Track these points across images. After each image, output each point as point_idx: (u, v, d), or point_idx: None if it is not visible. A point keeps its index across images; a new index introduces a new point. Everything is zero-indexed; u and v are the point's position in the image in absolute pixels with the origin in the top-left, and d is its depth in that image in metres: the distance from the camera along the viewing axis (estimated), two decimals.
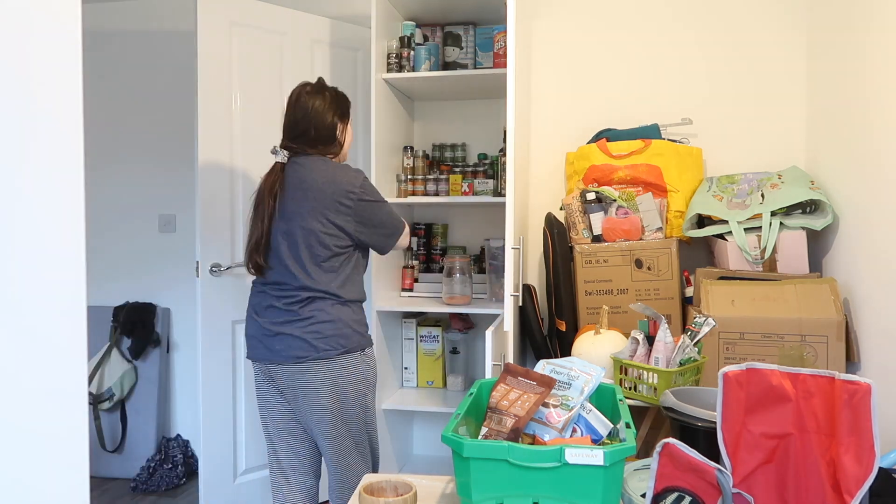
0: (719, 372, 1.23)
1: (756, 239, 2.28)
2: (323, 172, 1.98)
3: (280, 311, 1.99)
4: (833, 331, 2.02)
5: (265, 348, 2.01)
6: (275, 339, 1.99)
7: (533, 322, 2.51)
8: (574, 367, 1.40)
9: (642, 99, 2.82)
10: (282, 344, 1.98)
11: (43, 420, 1.05)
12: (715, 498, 1.08)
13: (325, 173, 1.98)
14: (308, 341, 1.96)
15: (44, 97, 1.04)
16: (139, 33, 3.41)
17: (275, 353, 1.99)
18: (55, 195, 1.06)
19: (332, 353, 1.96)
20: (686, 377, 1.96)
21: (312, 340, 1.96)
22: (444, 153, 3.03)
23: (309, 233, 1.96)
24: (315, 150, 2.05)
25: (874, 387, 1.11)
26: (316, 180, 1.97)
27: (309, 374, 1.97)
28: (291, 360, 1.97)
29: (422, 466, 2.94)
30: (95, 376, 3.24)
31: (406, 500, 1.17)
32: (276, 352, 1.99)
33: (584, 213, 2.44)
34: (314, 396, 1.97)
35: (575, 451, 1.09)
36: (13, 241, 1.00)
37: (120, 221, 3.45)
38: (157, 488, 3.14)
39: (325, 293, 1.98)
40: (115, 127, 3.44)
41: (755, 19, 2.71)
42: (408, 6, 2.80)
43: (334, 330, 1.97)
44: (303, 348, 1.96)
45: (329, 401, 1.98)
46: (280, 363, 1.99)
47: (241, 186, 2.73)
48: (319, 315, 1.97)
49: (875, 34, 2.02)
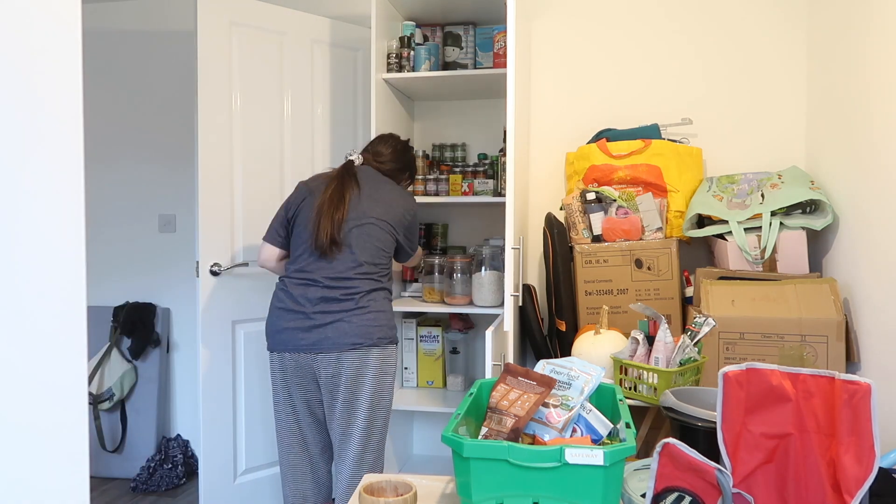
0: (719, 372, 1.23)
1: (756, 239, 2.28)
2: (393, 187, 2.29)
3: (337, 301, 2.12)
4: (833, 331, 2.02)
5: (311, 338, 2.13)
6: (327, 328, 2.11)
7: (533, 322, 2.51)
8: (574, 367, 1.40)
9: (642, 99, 2.82)
10: (335, 332, 2.10)
11: (43, 420, 1.05)
12: (715, 498, 1.08)
13: (395, 189, 2.28)
14: (366, 328, 2.12)
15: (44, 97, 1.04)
16: (139, 33, 3.41)
17: (323, 341, 2.11)
18: (55, 195, 1.06)
19: (384, 341, 2.16)
20: (686, 377, 1.96)
21: (370, 327, 2.13)
22: (444, 153, 3.03)
23: (378, 232, 2.17)
24: (386, 172, 2.35)
25: (874, 387, 1.11)
26: (391, 192, 2.25)
27: (363, 360, 2.13)
28: (347, 347, 2.10)
29: (422, 466, 2.94)
30: (95, 376, 3.24)
31: (406, 500, 1.16)
32: (328, 339, 2.11)
33: (584, 213, 2.44)
34: (361, 383, 2.13)
35: (575, 451, 1.09)
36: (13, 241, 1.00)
37: (120, 221, 3.45)
38: (157, 488, 3.14)
39: (382, 287, 2.19)
40: (115, 127, 3.44)
41: (755, 19, 2.71)
42: (408, 6, 2.80)
43: (386, 320, 2.18)
44: (359, 335, 2.11)
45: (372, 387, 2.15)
46: (328, 351, 2.11)
47: (241, 186, 2.73)
48: (371, 305, 2.15)
49: (875, 34, 2.02)
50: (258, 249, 2.39)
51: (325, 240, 2.11)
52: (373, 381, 2.13)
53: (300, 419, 2.20)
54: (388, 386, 2.18)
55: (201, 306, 2.63)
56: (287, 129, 2.85)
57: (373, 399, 2.13)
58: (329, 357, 2.10)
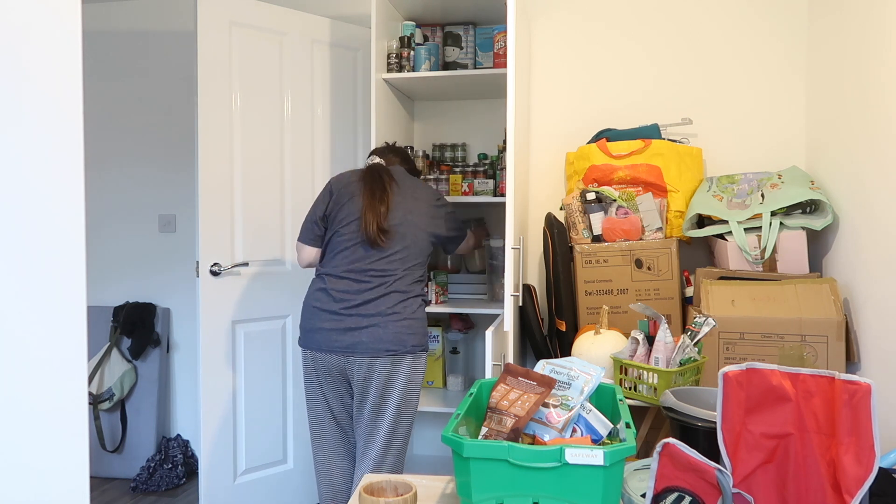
0: (719, 372, 1.23)
1: (756, 239, 2.28)
2: (417, 182, 2.28)
3: (373, 303, 2.14)
4: (833, 331, 2.02)
5: (346, 340, 2.14)
6: (362, 332, 2.12)
7: (533, 322, 2.51)
8: (574, 367, 1.39)
9: (642, 99, 2.82)
10: (370, 336, 2.11)
11: (43, 420, 1.05)
12: (715, 498, 1.08)
13: (417, 183, 2.28)
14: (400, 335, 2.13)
15: (44, 97, 1.04)
16: (139, 33, 3.40)
17: (357, 345, 2.13)
18: (55, 195, 1.06)
19: (417, 349, 2.17)
20: (686, 377, 1.96)
21: (404, 334, 2.13)
22: (444, 153, 3.03)
23: (419, 232, 2.19)
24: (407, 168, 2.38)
25: (874, 387, 1.11)
26: (421, 189, 2.25)
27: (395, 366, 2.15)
28: (381, 353, 2.12)
29: (422, 466, 2.94)
30: (95, 376, 3.24)
31: (406, 500, 1.16)
32: (362, 343, 2.12)
33: (584, 213, 2.44)
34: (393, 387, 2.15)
35: (575, 451, 1.09)
36: (13, 241, 1.00)
37: (120, 221, 3.45)
38: (157, 488, 3.14)
39: (417, 294, 2.21)
40: (115, 127, 3.44)
41: (755, 19, 2.71)
42: (408, 6, 2.80)
43: (420, 327, 2.19)
44: (392, 342, 2.11)
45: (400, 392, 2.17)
46: (361, 355, 2.13)
47: (240, 186, 2.73)
48: (405, 311, 2.15)
49: (875, 34, 2.02)
50: (296, 253, 2.38)
51: (373, 230, 2.13)
52: (402, 387, 2.14)
53: (335, 414, 2.23)
54: (415, 392, 2.19)
55: (201, 306, 2.63)
56: (287, 130, 2.85)
57: (400, 405, 2.14)
58: (362, 361, 2.12)
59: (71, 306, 1.08)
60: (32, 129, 1.03)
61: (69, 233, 1.08)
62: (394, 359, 2.11)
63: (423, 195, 2.25)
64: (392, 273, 2.14)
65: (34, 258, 1.03)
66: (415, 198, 2.22)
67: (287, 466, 2.89)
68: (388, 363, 2.11)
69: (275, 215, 2.82)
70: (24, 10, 1.01)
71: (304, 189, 2.89)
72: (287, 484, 2.88)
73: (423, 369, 2.21)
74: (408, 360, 2.14)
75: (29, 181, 1.02)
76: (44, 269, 1.04)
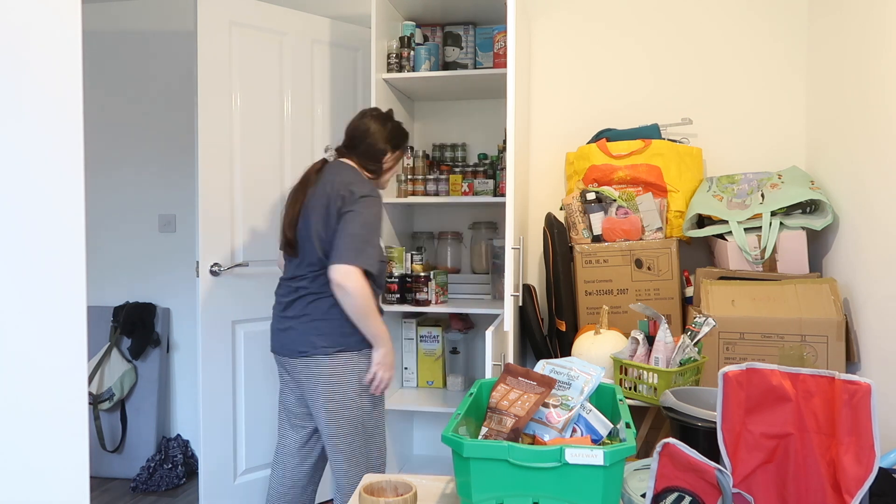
0: (719, 372, 1.23)
1: (756, 239, 2.28)
2: (343, 175, 2.06)
3: (290, 306, 2.10)
4: (833, 331, 2.02)
5: (278, 340, 2.14)
6: (284, 334, 2.10)
7: (533, 322, 2.51)
8: (574, 367, 1.39)
9: (642, 99, 2.82)
10: (287, 338, 2.09)
11: (43, 420, 1.05)
12: (715, 498, 1.08)
13: (343, 176, 2.05)
14: (308, 337, 2.05)
15: (44, 97, 1.04)
16: (139, 33, 3.40)
17: (283, 346, 2.11)
18: (55, 195, 1.06)
19: (331, 349, 2.05)
20: (686, 377, 1.96)
21: (313, 336, 2.05)
22: (444, 153, 3.03)
23: (317, 231, 2.04)
24: (357, 162, 2.17)
25: (874, 387, 1.11)
26: (333, 181, 2.04)
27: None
28: (296, 354, 2.07)
29: (422, 466, 2.94)
30: (95, 376, 3.24)
31: (406, 500, 1.16)
32: (284, 345, 2.11)
33: (584, 213, 2.44)
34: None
35: (575, 451, 1.09)
36: (13, 241, 1.00)
37: (120, 221, 3.44)
38: (157, 488, 3.14)
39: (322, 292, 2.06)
40: (115, 127, 3.44)
41: (755, 19, 2.71)
42: (408, 6, 2.80)
43: (331, 328, 2.05)
44: (305, 343, 2.05)
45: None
46: (285, 355, 2.11)
47: (240, 186, 2.73)
48: (315, 313, 2.06)
49: (875, 34, 2.02)
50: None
51: (282, 238, 2.13)
52: (325, 391, 2.04)
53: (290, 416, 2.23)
54: (343, 395, 2.04)
55: (201, 306, 2.63)
56: (287, 129, 2.85)
57: (328, 408, 2.04)
58: (288, 361, 2.12)
59: (71, 306, 1.08)
60: (33, 128, 1.03)
61: (69, 233, 1.08)
62: (308, 360, 2.05)
63: (336, 190, 2.01)
64: (298, 277, 2.09)
65: (34, 258, 1.03)
66: (324, 194, 2.02)
67: None
68: (304, 365, 2.05)
69: (275, 215, 2.82)
70: (24, 10, 1.01)
71: None
72: None
73: (349, 370, 2.04)
74: (324, 361, 2.03)
75: (29, 181, 1.02)
76: (44, 268, 1.04)
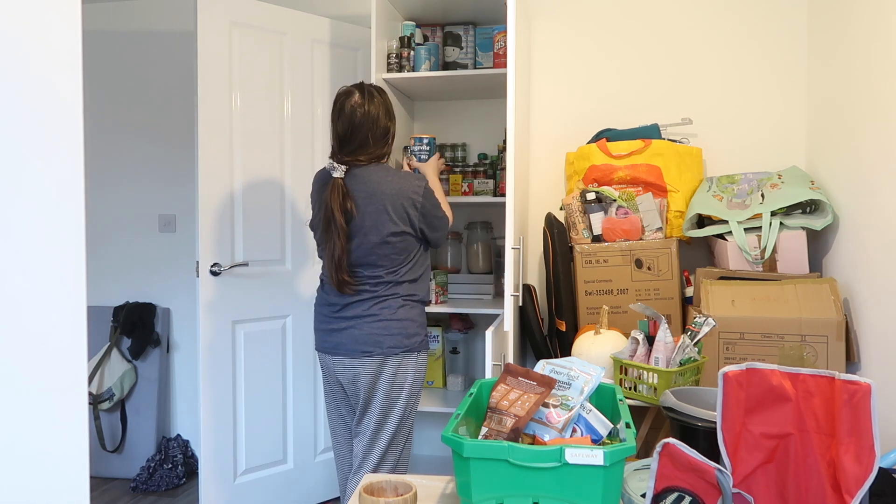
0: (719, 372, 1.23)
1: (756, 239, 2.28)
2: (389, 183, 2.02)
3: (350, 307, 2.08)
4: (833, 331, 2.02)
5: (332, 340, 2.11)
6: (342, 334, 2.08)
7: (533, 322, 2.51)
8: (574, 367, 1.39)
9: (642, 99, 2.82)
10: (348, 338, 2.07)
11: (43, 420, 1.05)
12: (715, 498, 1.08)
13: (391, 183, 2.02)
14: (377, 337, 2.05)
15: (44, 97, 1.04)
16: (139, 33, 3.40)
17: (339, 346, 2.09)
18: (55, 195, 1.06)
19: (398, 349, 2.06)
20: (686, 377, 1.96)
21: (381, 336, 2.05)
22: (443, 153, 3.03)
23: (384, 241, 2.02)
24: (368, 158, 2.07)
25: (874, 387, 1.11)
26: (385, 193, 2.01)
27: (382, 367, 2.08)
28: (359, 354, 2.06)
29: (422, 466, 2.94)
30: (95, 376, 3.24)
31: (406, 500, 1.16)
32: (342, 345, 2.08)
33: (584, 213, 2.44)
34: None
35: (575, 451, 1.09)
36: (13, 241, 1.00)
37: (120, 221, 3.45)
38: (157, 488, 3.14)
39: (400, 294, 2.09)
40: (115, 127, 3.44)
41: (755, 19, 2.71)
42: (408, 6, 2.80)
43: (402, 328, 2.06)
44: (370, 342, 2.05)
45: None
46: (343, 356, 2.09)
47: (241, 186, 2.73)
48: (383, 314, 2.05)
49: (875, 34, 2.02)
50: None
51: (337, 282, 2.07)
52: (385, 390, 2.07)
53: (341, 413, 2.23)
54: (401, 394, 2.09)
55: (201, 306, 2.63)
56: (287, 129, 2.85)
57: (383, 406, 2.08)
58: (343, 361, 2.09)
59: (71, 306, 1.08)
60: (33, 128, 1.03)
61: (69, 233, 1.08)
62: (373, 360, 2.05)
63: (399, 199, 2.02)
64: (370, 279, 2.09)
65: (34, 258, 1.03)
66: (382, 209, 2.01)
67: (287, 466, 2.89)
68: (368, 364, 2.05)
69: (275, 215, 2.82)
70: (24, 10, 1.01)
71: (305, 189, 2.88)
72: (287, 484, 2.88)
73: (411, 371, 2.09)
74: (391, 361, 2.05)
75: (29, 181, 1.02)
76: (44, 268, 1.04)
